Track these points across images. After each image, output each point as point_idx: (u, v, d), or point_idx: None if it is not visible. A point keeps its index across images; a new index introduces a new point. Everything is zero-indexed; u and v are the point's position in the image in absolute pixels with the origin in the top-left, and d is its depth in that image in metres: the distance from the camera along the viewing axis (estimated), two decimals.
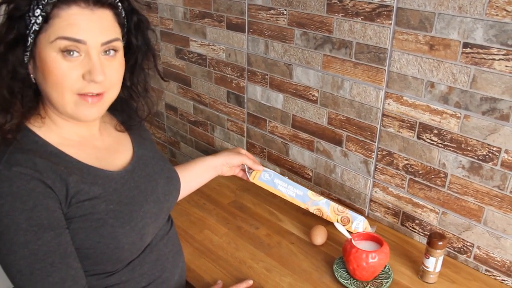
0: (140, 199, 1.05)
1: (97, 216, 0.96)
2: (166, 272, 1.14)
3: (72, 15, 0.90)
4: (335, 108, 1.66)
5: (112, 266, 1.03)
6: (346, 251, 1.34)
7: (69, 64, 0.91)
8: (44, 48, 0.91)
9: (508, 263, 1.37)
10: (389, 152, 1.56)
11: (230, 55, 2.00)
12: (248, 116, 2.04)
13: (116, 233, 0.98)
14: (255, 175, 1.46)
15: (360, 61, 1.53)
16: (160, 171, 1.15)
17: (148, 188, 1.09)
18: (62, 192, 0.92)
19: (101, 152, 1.06)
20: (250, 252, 1.49)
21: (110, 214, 0.97)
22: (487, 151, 1.32)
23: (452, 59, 1.31)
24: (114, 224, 0.98)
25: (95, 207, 0.96)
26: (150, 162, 1.15)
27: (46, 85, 0.93)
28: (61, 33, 0.89)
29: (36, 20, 0.89)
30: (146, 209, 1.05)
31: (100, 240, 0.96)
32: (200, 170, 1.38)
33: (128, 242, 1.00)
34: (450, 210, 1.46)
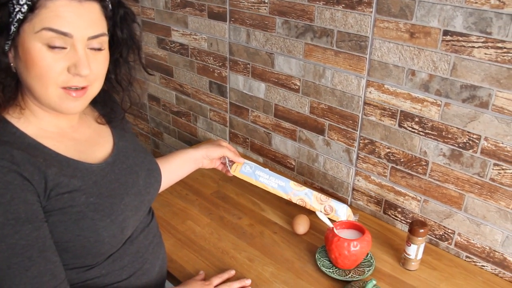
0: (120, 191, 1.04)
1: (76, 209, 0.94)
2: (146, 264, 1.14)
3: (59, 7, 0.88)
4: (317, 97, 1.66)
5: (92, 259, 1.02)
6: (328, 240, 1.34)
7: (54, 56, 0.89)
8: (28, 38, 0.88)
9: (488, 249, 1.39)
10: (371, 140, 1.56)
11: (212, 44, 1.99)
12: (231, 106, 2.03)
13: (96, 226, 0.96)
14: (235, 168, 1.46)
15: (341, 50, 1.52)
16: (141, 163, 1.14)
17: (129, 180, 1.08)
18: (41, 185, 0.90)
19: (81, 144, 1.04)
20: (233, 242, 1.48)
21: (90, 207, 0.96)
22: (467, 139, 1.33)
23: (433, 47, 1.31)
24: (94, 217, 0.96)
25: (74, 199, 0.95)
26: (131, 154, 1.13)
27: (29, 77, 0.91)
28: (47, 24, 0.87)
29: (20, 9, 0.86)
30: (127, 202, 1.04)
31: (80, 233, 0.95)
32: (180, 163, 1.37)
33: (109, 235, 0.99)
34: (431, 197, 1.47)
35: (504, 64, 1.19)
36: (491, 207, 1.34)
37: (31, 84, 0.92)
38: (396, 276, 1.36)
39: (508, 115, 1.23)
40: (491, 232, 1.37)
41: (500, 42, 1.19)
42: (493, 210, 1.34)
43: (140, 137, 2.73)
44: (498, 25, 1.18)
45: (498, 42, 1.19)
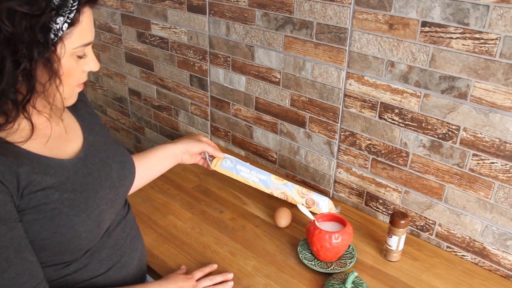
0: (94, 186, 1.03)
1: (51, 206, 0.93)
2: (124, 257, 1.13)
3: (86, 18, 0.91)
4: (298, 90, 1.65)
5: (70, 256, 1.01)
6: (310, 232, 1.34)
7: (78, 63, 0.95)
8: (64, 54, 0.90)
9: (468, 239, 1.40)
10: (351, 132, 1.56)
11: (192, 37, 1.97)
12: (212, 99, 2.01)
13: (72, 222, 0.96)
14: (216, 163, 1.46)
15: (321, 42, 1.52)
16: (113, 156, 1.13)
17: (102, 174, 1.07)
18: (13, 184, 0.88)
19: (51, 141, 1.01)
20: (215, 236, 1.48)
21: (65, 203, 0.95)
22: (447, 130, 1.33)
23: (411, 38, 1.31)
24: (70, 213, 0.95)
25: (48, 197, 0.93)
26: (102, 147, 1.12)
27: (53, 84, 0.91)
28: (83, 40, 0.92)
29: (61, 27, 0.87)
30: (102, 196, 1.03)
31: (56, 230, 0.94)
32: (159, 158, 1.36)
33: (85, 230, 0.98)
34: (412, 189, 1.47)
35: (482, 55, 1.20)
36: (470, 197, 1.35)
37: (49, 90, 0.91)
38: (377, 267, 1.37)
39: (486, 106, 1.23)
40: (470, 222, 1.38)
41: (478, 33, 1.19)
42: (473, 200, 1.35)
43: (121, 132, 2.71)
44: (475, 16, 1.18)
45: (476, 33, 1.19)
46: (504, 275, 1.36)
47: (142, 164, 1.29)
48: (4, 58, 0.83)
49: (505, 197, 1.28)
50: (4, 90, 0.85)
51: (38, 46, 0.84)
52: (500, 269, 1.36)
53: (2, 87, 0.84)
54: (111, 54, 2.50)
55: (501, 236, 1.33)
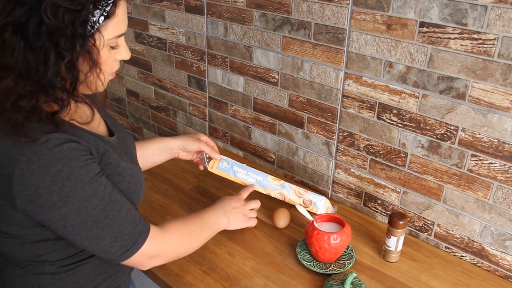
0: (134, 161, 1.15)
1: (117, 172, 1.03)
2: None
3: (121, 10, 0.94)
4: (296, 90, 1.65)
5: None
6: (308, 233, 1.34)
7: (112, 53, 0.98)
8: (100, 45, 0.92)
9: (467, 239, 1.40)
10: (350, 133, 1.55)
11: (189, 38, 1.97)
12: (210, 100, 2.01)
13: (130, 189, 1.06)
14: (213, 164, 1.50)
15: (319, 42, 1.51)
16: (125, 137, 1.20)
17: (129, 152, 1.16)
18: (93, 149, 0.97)
19: (94, 122, 1.08)
20: (213, 237, 1.46)
21: (126, 172, 1.05)
22: (445, 130, 1.33)
23: (409, 39, 1.31)
24: (130, 180, 1.06)
25: (118, 166, 1.03)
26: (118, 128, 1.18)
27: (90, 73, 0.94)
28: (117, 31, 0.95)
29: (98, 20, 0.90)
30: (137, 170, 1.11)
31: (128, 186, 1.05)
32: (155, 150, 1.43)
33: (138, 198, 1.11)
34: (410, 189, 1.47)
35: (480, 55, 1.20)
36: (469, 197, 1.35)
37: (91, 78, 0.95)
38: (376, 268, 1.37)
39: (484, 106, 1.23)
40: (469, 223, 1.38)
41: (476, 33, 1.19)
42: (471, 201, 1.35)
43: None
44: (473, 16, 1.18)
45: (474, 33, 1.19)
46: (503, 276, 1.36)
47: (139, 153, 1.33)
48: (47, 50, 0.85)
49: (504, 198, 1.28)
50: (50, 79, 0.88)
51: (79, 39, 0.87)
52: (499, 270, 1.36)
53: (48, 77, 0.87)
54: None
55: (500, 236, 1.33)
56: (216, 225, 1.29)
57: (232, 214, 1.35)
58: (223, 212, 1.33)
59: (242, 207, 1.40)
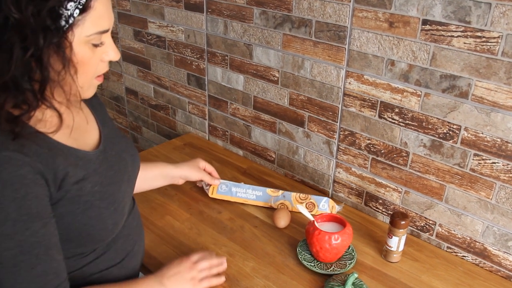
0: (117, 179, 1.05)
1: (84, 199, 0.94)
2: (136, 246, 1.16)
3: (101, 3, 0.87)
4: (296, 89, 1.63)
5: (92, 247, 1.03)
6: (309, 233, 1.32)
7: (96, 51, 0.91)
8: (77, 42, 0.86)
9: (469, 239, 1.38)
10: (351, 132, 1.54)
11: (189, 36, 1.95)
12: (209, 98, 2.00)
13: (102, 214, 0.98)
14: (213, 190, 1.61)
15: (320, 40, 1.50)
16: (125, 149, 1.14)
17: (120, 167, 1.08)
18: (51, 176, 0.88)
19: (74, 132, 1.00)
20: (213, 237, 1.46)
21: (96, 195, 0.96)
22: (448, 129, 1.32)
23: (412, 37, 1.29)
24: (101, 205, 0.97)
25: (82, 189, 0.94)
26: (116, 140, 1.13)
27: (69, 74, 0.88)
28: (97, 27, 0.87)
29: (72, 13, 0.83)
30: (123, 189, 1.06)
31: (87, 222, 0.95)
32: (157, 176, 1.45)
33: (112, 222, 1.01)
34: (412, 189, 1.46)
35: (483, 54, 1.18)
36: (471, 197, 1.34)
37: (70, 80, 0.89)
38: (377, 268, 1.35)
39: (487, 105, 1.22)
40: (471, 223, 1.36)
41: (479, 31, 1.17)
42: (474, 201, 1.34)
43: None
44: (477, 13, 1.16)
45: (477, 31, 1.18)
46: (505, 276, 1.34)
47: (140, 173, 1.28)
48: (13, 45, 0.80)
49: (507, 198, 1.27)
50: (17, 78, 0.82)
51: (46, 32, 0.81)
52: (501, 270, 1.35)
53: (12, 75, 0.81)
54: None
55: (502, 236, 1.31)
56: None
57: (172, 282, 1.15)
58: (158, 281, 1.13)
59: (188, 271, 1.18)
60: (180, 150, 1.99)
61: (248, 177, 1.80)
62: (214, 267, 1.25)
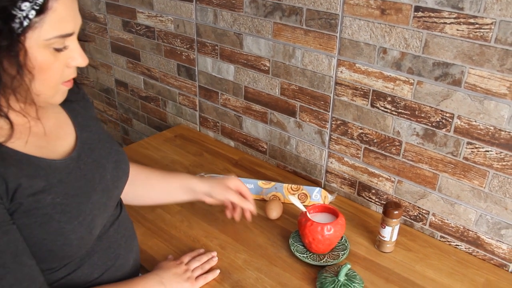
0: (87, 189, 0.97)
1: (42, 212, 0.87)
2: (120, 259, 1.08)
3: (62, 5, 0.81)
4: (288, 78, 1.61)
5: (59, 263, 0.96)
6: (301, 224, 1.31)
7: (58, 56, 0.85)
8: (35, 46, 0.80)
9: (462, 228, 1.37)
10: (343, 121, 1.52)
11: (178, 26, 1.92)
12: (200, 89, 1.97)
13: (63, 229, 0.90)
14: None
15: (311, 28, 1.48)
16: (107, 155, 1.06)
17: (96, 176, 1.00)
18: (2, 187, 0.83)
19: (41, 140, 0.95)
20: (204, 229, 1.44)
21: (57, 208, 0.89)
22: (441, 118, 1.30)
23: (404, 24, 1.27)
24: (61, 219, 0.89)
25: (39, 201, 0.87)
26: (96, 145, 1.05)
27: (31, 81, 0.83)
28: (57, 31, 0.81)
29: (27, 15, 0.77)
30: (94, 201, 0.97)
31: (46, 237, 0.88)
32: (179, 188, 1.31)
33: (77, 237, 0.92)
34: (405, 178, 1.45)
35: (476, 41, 1.17)
36: (464, 186, 1.33)
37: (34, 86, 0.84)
38: (371, 258, 1.34)
39: (480, 93, 1.20)
40: (465, 212, 1.35)
41: (472, 18, 1.15)
42: (467, 190, 1.32)
43: (109, 124, 2.66)
44: (470, 0, 1.14)
45: (470, 18, 1.16)
46: (498, 264, 1.34)
47: (159, 184, 1.26)
48: None
49: (500, 186, 1.26)
50: None
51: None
52: (494, 258, 1.34)
53: None
54: (97, 44, 2.44)
55: (495, 225, 1.31)
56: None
57: (171, 282, 1.15)
58: (158, 280, 1.14)
59: (184, 272, 1.21)
60: (171, 142, 1.97)
61: (240, 168, 1.78)
62: (206, 264, 1.27)
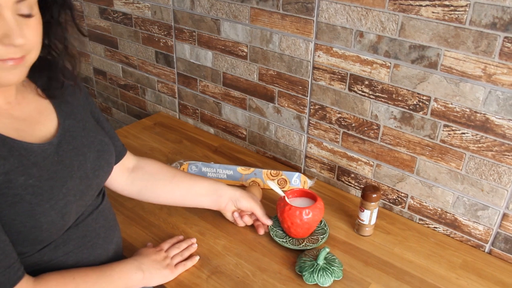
0: (63, 174, 0.96)
1: (13, 192, 0.86)
2: (97, 249, 1.07)
3: None
4: (265, 63, 1.60)
5: (30, 248, 0.94)
6: (280, 209, 1.31)
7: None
8: None
9: (440, 211, 1.38)
10: (321, 106, 1.52)
11: (155, 12, 1.90)
12: (179, 76, 1.95)
13: (33, 211, 0.89)
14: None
15: (288, 13, 1.47)
16: (90, 144, 1.05)
17: (74, 163, 0.99)
18: None
19: (19, 123, 0.94)
20: (183, 216, 1.43)
21: (28, 189, 0.88)
22: (417, 101, 1.30)
23: (380, 7, 1.27)
24: (32, 201, 0.88)
25: (11, 181, 0.86)
26: (79, 134, 1.04)
27: None
28: None
29: None
30: (70, 186, 0.96)
31: (15, 217, 0.87)
32: (203, 188, 1.32)
33: (47, 221, 0.91)
34: (384, 162, 1.45)
35: (451, 23, 1.17)
36: (442, 168, 1.34)
37: None
38: (350, 242, 1.35)
39: (456, 75, 1.21)
40: (442, 194, 1.36)
41: (447, 0, 1.15)
42: (444, 172, 1.33)
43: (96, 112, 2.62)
44: None
45: (445, 0, 1.16)
46: (475, 245, 1.35)
47: (185, 184, 1.27)
48: None
49: (476, 168, 1.27)
50: None
51: None
52: (471, 240, 1.35)
53: None
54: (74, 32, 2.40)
55: (472, 206, 1.32)
56: (123, 281, 1.08)
57: (149, 268, 1.15)
58: (137, 265, 1.13)
59: (163, 259, 1.21)
60: (150, 130, 1.95)
61: (220, 155, 1.77)
62: (185, 251, 1.27)
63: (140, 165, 1.30)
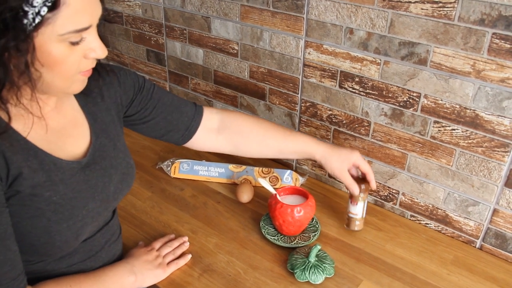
0: (86, 195, 0.96)
1: (36, 205, 0.87)
2: (100, 262, 1.09)
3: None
4: (256, 61, 1.60)
5: (38, 258, 0.95)
6: (271, 206, 1.31)
7: (74, 49, 0.82)
8: (48, 41, 0.78)
9: (431, 207, 1.39)
10: (312, 103, 1.52)
11: (146, 10, 1.89)
12: (170, 74, 1.95)
13: (50, 227, 0.89)
14: (174, 170, 1.59)
15: (278, 10, 1.46)
16: (117, 165, 1.05)
17: (98, 183, 0.99)
18: (3, 170, 0.82)
19: (53, 135, 0.94)
20: (175, 214, 1.43)
21: (51, 206, 0.89)
22: (408, 97, 1.31)
23: (370, 4, 1.27)
24: (52, 218, 0.89)
25: (36, 195, 0.87)
26: (108, 154, 1.04)
27: (47, 74, 0.82)
28: (72, 26, 0.78)
29: (39, 11, 0.74)
30: (90, 208, 0.96)
31: (31, 230, 0.88)
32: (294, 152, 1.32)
33: (61, 240, 0.92)
34: (375, 158, 1.45)
35: (440, 19, 1.17)
36: (433, 165, 1.34)
37: (48, 79, 0.83)
38: (342, 239, 1.35)
39: (446, 72, 1.21)
40: (433, 190, 1.37)
41: None
42: (435, 168, 1.34)
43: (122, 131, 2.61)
44: None
45: None
46: (466, 241, 1.36)
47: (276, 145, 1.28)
48: None
49: (466, 164, 1.27)
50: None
51: (6, 31, 0.74)
52: (462, 235, 1.36)
53: None
54: None
55: (463, 202, 1.32)
56: (117, 285, 1.08)
57: (141, 270, 1.14)
58: (129, 268, 1.12)
59: (155, 258, 1.20)
60: None
61: (211, 153, 1.77)
62: (177, 249, 1.26)
63: (225, 125, 1.28)
